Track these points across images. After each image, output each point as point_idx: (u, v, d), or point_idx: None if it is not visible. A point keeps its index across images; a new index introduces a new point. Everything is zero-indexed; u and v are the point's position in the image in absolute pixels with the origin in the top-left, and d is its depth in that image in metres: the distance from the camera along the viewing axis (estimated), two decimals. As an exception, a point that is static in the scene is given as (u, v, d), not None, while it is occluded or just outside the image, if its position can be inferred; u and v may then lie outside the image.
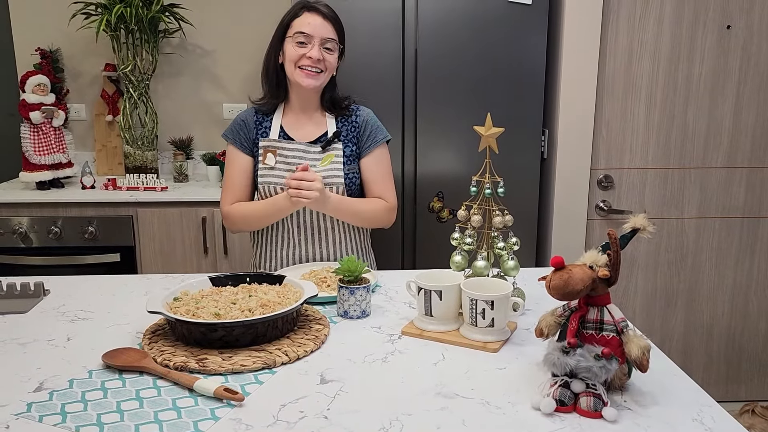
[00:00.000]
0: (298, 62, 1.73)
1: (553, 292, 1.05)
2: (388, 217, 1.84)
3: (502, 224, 1.41)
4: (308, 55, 1.72)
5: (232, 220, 1.82)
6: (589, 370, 1.00)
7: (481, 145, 1.45)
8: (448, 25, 2.39)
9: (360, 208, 1.79)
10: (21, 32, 3.05)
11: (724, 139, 2.57)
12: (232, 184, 1.83)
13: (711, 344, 2.75)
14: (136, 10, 2.70)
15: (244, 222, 1.81)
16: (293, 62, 1.74)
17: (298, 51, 1.73)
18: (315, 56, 1.72)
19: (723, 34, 2.48)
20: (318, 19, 1.73)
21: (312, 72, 1.73)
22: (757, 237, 2.65)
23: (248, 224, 1.82)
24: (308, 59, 1.72)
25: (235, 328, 1.20)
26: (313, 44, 1.72)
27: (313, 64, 1.72)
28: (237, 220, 1.81)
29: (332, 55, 1.77)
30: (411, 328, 1.33)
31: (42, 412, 1.02)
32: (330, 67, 1.77)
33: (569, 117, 2.50)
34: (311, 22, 1.73)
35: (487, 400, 1.05)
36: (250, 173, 1.84)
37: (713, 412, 1.02)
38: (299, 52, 1.73)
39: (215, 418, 1.00)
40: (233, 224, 1.83)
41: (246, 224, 1.82)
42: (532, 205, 2.55)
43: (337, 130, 1.82)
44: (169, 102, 3.13)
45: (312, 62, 1.72)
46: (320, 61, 1.73)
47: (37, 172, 2.71)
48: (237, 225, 1.83)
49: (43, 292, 1.55)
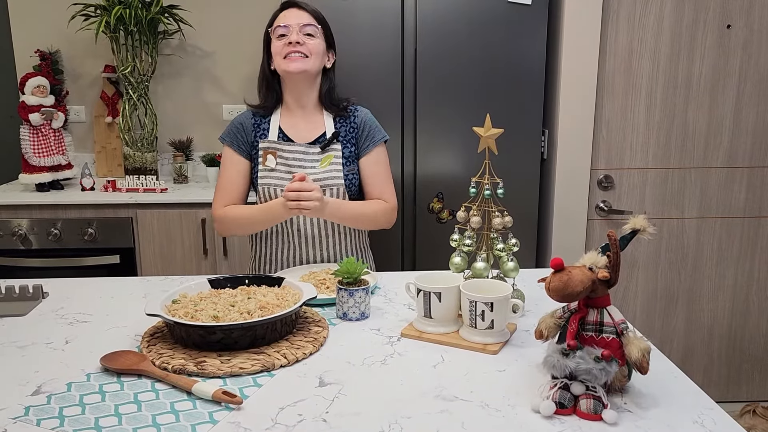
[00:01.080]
0: (282, 52, 1.74)
1: (552, 293, 1.05)
2: (389, 218, 1.84)
3: (501, 225, 1.40)
4: (288, 41, 1.73)
5: (224, 223, 1.79)
6: (589, 372, 0.99)
7: (480, 146, 1.44)
8: (447, 26, 2.39)
9: (360, 211, 1.78)
10: (20, 34, 3.05)
11: (724, 139, 2.56)
12: (226, 187, 1.81)
13: (712, 345, 2.74)
14: (135, 12, 2.70)
15: (236, 226, 1.78)
16: (279, 55, 1.75)
17: (279, 43, 1.75)
18: (293, 39, 1.72)
19: (723, 33, 2.47)
20: (294, 11, 1.77)
21: (295, 56, 1.73)
22: (757, 237, 2.65)
23: (241, 228, 1.80)
24: (288, 45, 1.73)
25: (234, 330, 1.20)
26: (292, 31, 1.74)
27: (294, 48, 1.73)
28: (229, 223, 1.78)
29: (314, 40, 1.76)
30: (410, 330, 1.33)
31: (40, 415, 1.02)
32: (314, 52, 1.76)
33: (569, 117, 2.50)
34: (287, 14, 1.77)
35: (487, 403, 1.05)
36: (246, 176, 1.83)
37: (714, 414, 1.02)
38: (281, 43, 1.75)
39: (213, 421, 1.00)
40: (225, 227, 1.80)
41: (239, 228, 1.79)
42: (532, 206, 2.55)
43: (336, 130, 1.81)
44: (168, 103, 3.13)
45: (292, 47, 1.73)
46: (301, 45, 1.73)
47: (36, 173, 2.71)
48: (229, 229, 1.80)
49: (41, 295, 1.55)
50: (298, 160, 1.78)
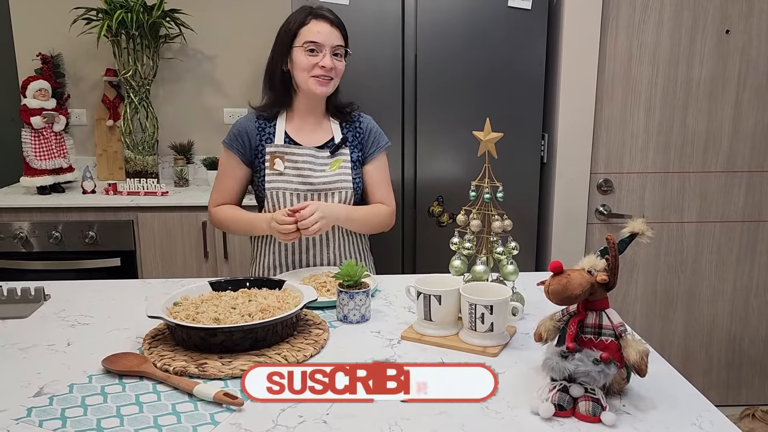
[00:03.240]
0: (311, 71, 1.73)
1: (551, 296, 1.05)
2: (390, 221, 1.88)
3: (501, 229, 1.41)
4: (321, 65, 1.71)
5: (214, 220, 1.89)
6: (588, 375, 1.00)
7: (480, 149, 1.45)
8: (447, 30, 2.40)
9: (368, 214, 1.82)
10: (22, 37, 3.06)
11: (723, 144, 2.57)
12: (221, 188, 1.86)
13: (711, 348, 2.75)
14: (136, 16, 2.71)
15: (225, 227, 1.88)
16: (306, 71, 1.73)
17: (310, 60, 1.72)
18: (328, 65, 1.72)
19: (722, 38, 2.48)
20: (326, 27, 1.73)
21: (324, 80, 1.74)
22: (756, 241, 2.65)
23: (227, 230, 1.93)
24: (321, 68, 1.72)
25: (235, 332, 1.20)
26: (324, 53, 1.72)
27: (326, 72, 1.73)
28: (218, 223, 1.88)
29: (341, 62, 1.77)
30: (410, 333, 1.33)
31: (42, 417, 1.03)
32: (339, 74, 1.78)
33: (569, 121, 2.50)
34: (320, 30, 1.72)
35: (486, 405, 1.05)
36: (241, 182, 1.85)
37: (712, 416, 1.02)
38: (311, 62, 1.72)
39: (215, 422, 1.01)
40: (215, 224, 1.90)
41: (225, 229, 1.90)
42: (532, 210, 2.56)
43: (344, 136, 1.83)
44: (169, 107, 3.13)
45: (325, 71, 1.72)
46: (332, 69, 1.74)
47: (38, 176, 2.72)
48: (218, 226, 1.91)
49: (43, 297, 1.55)
50: (309, 163, 1.79)
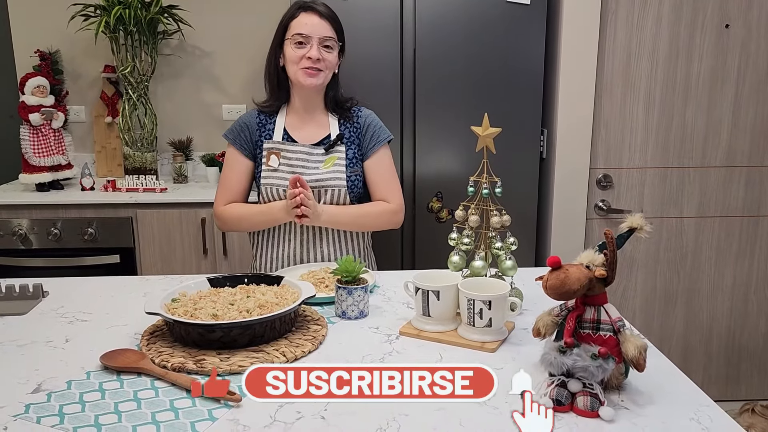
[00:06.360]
0: (299, 63, 1.74)
1: (549, 291, 1.05)
2: (394, 219, 1.84)
3: (499, 224, 1.41)
4: (308, 56, 1.72)
5: (224, 220, 1.84)
6: (586, 370, 1.00)
7: (478, 145, 1.45)
8: (446, 26, 2.39)
9: (359, 214, 1.80)
10: (20, 34, 3.05)
11: (723, 139, 2.57)
12: (228, 185, 1.84)
13: (711, 343, 2.75)
14: (134, 12, 2.70)
15: (237, 224, 1.84)
16: (294, 63, 1.75)
17: (297, 52, 1.74)
18: (314, 56, 1.72)
19: (721, 33, 2.48)
20: (315, 19, 1.74)
21: (312, 71, 1.74)
22: (756, 236, 2.65)
23: (241, 226, 1.88)
24: (308, 59, 1.73)
25: (233, 328, 1.20)
26: (312, 44, 1.73)
27: (313, 63, 1.73)
28: (229, 220, 1.83)
29: (331, 54, 1.77)
30: (409, 329, 1.33)
31: (40, 413, 1.03)
32: (330, 66, 1.77)
33: (568, 117, 2.50)
34: (308, 22, 1.74)
35: (484, 401, 1.05)
36: (247, 176, 1.85)
37: (711, 411, 1.02)
38: (299, 53, 1.73)
39: (213, 418, 1.01)
40: (225, 224, 1.86)
41: (238, 226, 1.86)
42: (531, 205, 2.55)
43: (340, 132, 1.82)
44: (168, 103, 3.13)
45: (312, 62, 1.73)
46: (320, 61, 1.73)
47: (36, 173, 2.71)
48: (229, 226, 1.86)
49: (41, 294, 1.55)
50: (302, 160, 1.79)
